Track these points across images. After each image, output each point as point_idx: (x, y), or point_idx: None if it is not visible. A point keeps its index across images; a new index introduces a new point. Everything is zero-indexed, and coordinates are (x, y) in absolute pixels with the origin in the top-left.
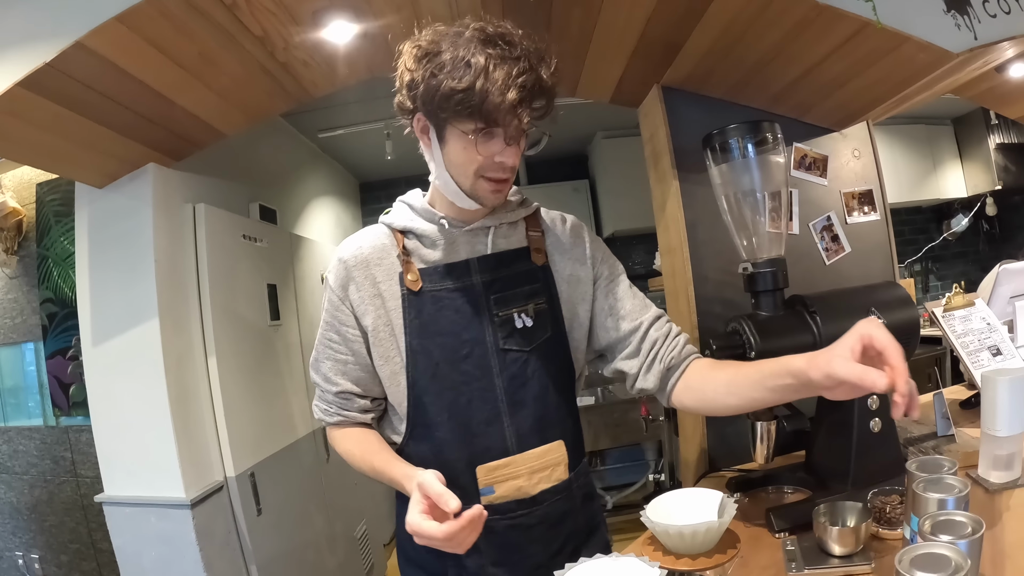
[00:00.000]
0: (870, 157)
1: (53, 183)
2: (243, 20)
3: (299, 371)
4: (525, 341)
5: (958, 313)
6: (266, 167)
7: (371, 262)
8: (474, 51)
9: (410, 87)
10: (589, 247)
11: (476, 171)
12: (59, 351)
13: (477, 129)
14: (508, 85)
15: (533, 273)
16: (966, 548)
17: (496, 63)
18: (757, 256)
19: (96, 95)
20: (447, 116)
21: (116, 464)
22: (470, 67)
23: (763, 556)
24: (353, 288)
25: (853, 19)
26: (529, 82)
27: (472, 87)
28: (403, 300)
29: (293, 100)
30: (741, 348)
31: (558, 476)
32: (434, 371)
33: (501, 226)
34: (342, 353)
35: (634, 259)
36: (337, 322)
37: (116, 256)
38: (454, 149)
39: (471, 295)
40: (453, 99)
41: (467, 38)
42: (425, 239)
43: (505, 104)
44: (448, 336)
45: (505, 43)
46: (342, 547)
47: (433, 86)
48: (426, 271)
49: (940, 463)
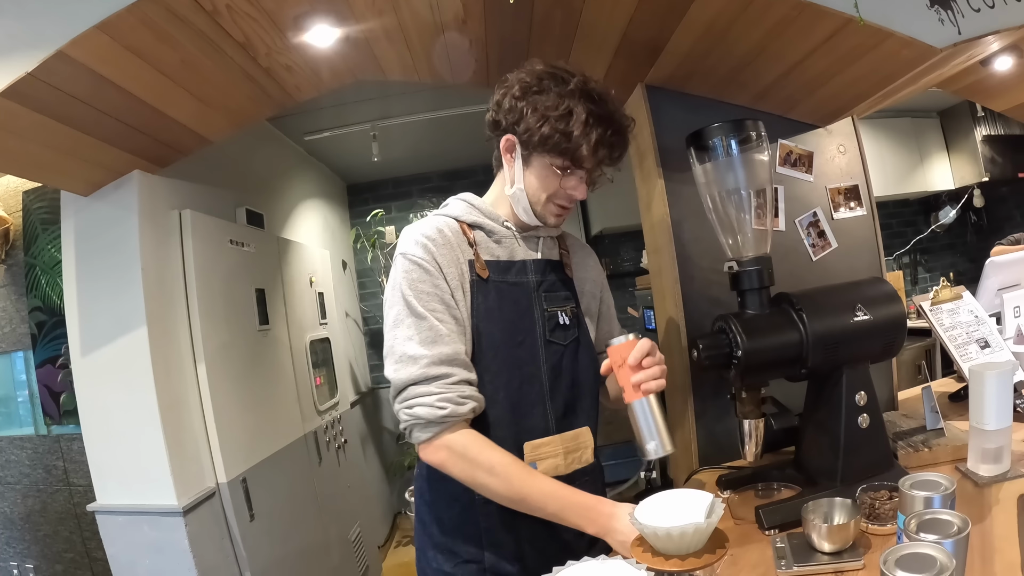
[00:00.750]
0: (855, 152)
1: (39, 191)
2: (224, 26)
3: (289, 375)
4: (564, 337)
5: (946, 306)
6: (252, 171)
7: (451, 244)
8: (576, 103)
9: (509, 112)
10: (599, 275)
11: (549, 196)
12: (49, 360)
13: (564, 166)
14: (601, 143)
15: (567, 282)
16: (951, 548)
17: (594, 120)
18: (742, 254)
19: (79, 104)
20: (542, 150)
21: (108, 473)
22: (572, 116)
23: (753, 554)
24: (444, 261)
25: (835, 16)
26: (616, 141)
27: (570, 135)
28: (472, 285)
29: (277, 105)
30: (728, 347)
31: (586, 459)
32: (495, 353)
33: (547, 239)
34: (448, 323)
35: (622, 257)
36: (439, 290)
37: (103, 264)
38: (537, 175)
39: (526, 290)
40: (552, 139)
41: (571, 89)
42: (492, 235)
43: (594, 156)
44: (507, 323)
45: (604, 103)
46: (337, 550)
47: (535, 122)
48: (491, 263)
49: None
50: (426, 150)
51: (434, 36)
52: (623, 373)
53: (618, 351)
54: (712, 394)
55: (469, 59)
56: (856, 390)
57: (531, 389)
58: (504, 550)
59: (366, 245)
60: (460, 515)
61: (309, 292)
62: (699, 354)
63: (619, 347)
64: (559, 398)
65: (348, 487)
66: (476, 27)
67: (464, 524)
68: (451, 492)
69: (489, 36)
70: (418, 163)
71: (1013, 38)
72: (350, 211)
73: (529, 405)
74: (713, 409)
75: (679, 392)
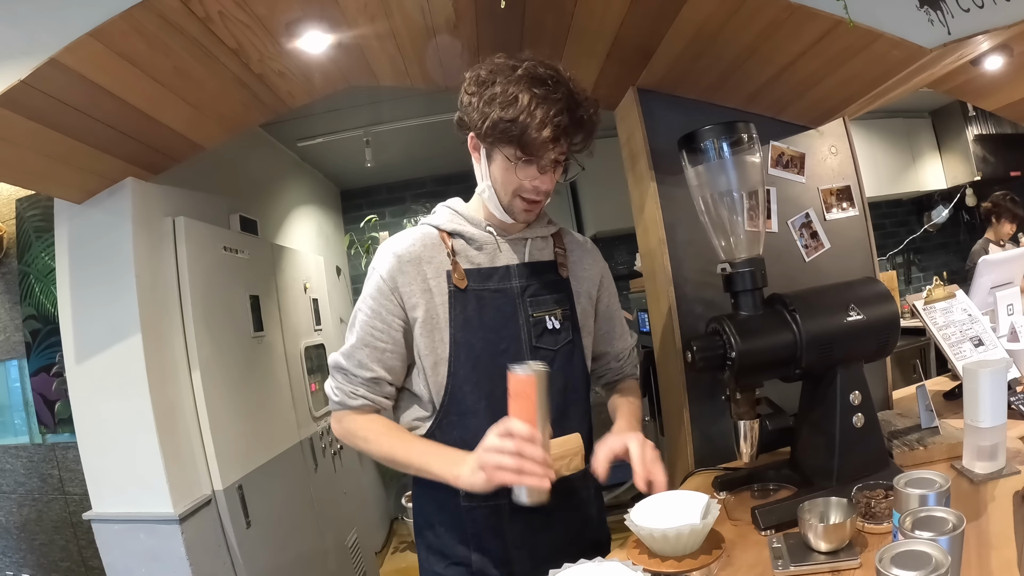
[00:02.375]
0: (847, 153)
1: (33, 199)
2: (217, 33)
3: (284, 382)
4: (554, 341)
5: (939, 305)
6: (246, 178)
7: (423, 259)
8: (522, 88)
9: (468, 109)
10: (600, 271)
11: (514, 191)
12: (43, 368)
13: (517, 156)
14: (545, 123)
15: (559, 284)
16: (947, 545)
17: (538, 102)
18: (735, 256)
19: (72, 111)
20: (493, 140)
21: (103, 481)
22: (516, 102)
23: (749, 554)
24: (405, 280)
25: (825, 18)
26: (564, 122)
27: (515, 120)
28: (450, 296)
29: (270, 111)
30: (722, 349)
31: (576, 465)
32: (475, 363)
33: (536, 239)
34: (383, 342)
35: (616, 259)
36: (384, 311)
37: (97, 272)
38: (498, 169)
39: (509, 297)
40: (498, 128)
41: (519, 75)
42: (473, 242)
43: (541, 139)
44: (489, 331)
45: (552, 83)
46: (333, 557)
47: (485, 113)
48: (471, 272)
49: (932, 480)
50: (419, 155)
51: (426, 41)
52: (518, 407)
53: (517, 381)
54: (706, 396)
55: (461, 63)
56: (850, 390)
57: None
58: (491, 554)
59: (360, 251)
60: (448, 519)
61: (303, 298)
62: (694, 356)
63: (519, 378)
64: (549, 404)
65: (344, 493)
66: (468, 31)
67: (452, 528)
68: (439, 497)
69: (481, 40)
70: (411, 168)
71: (1003, 37)
72: (344, 217)
73: None
74: (708, 411)
75: (674, 395)
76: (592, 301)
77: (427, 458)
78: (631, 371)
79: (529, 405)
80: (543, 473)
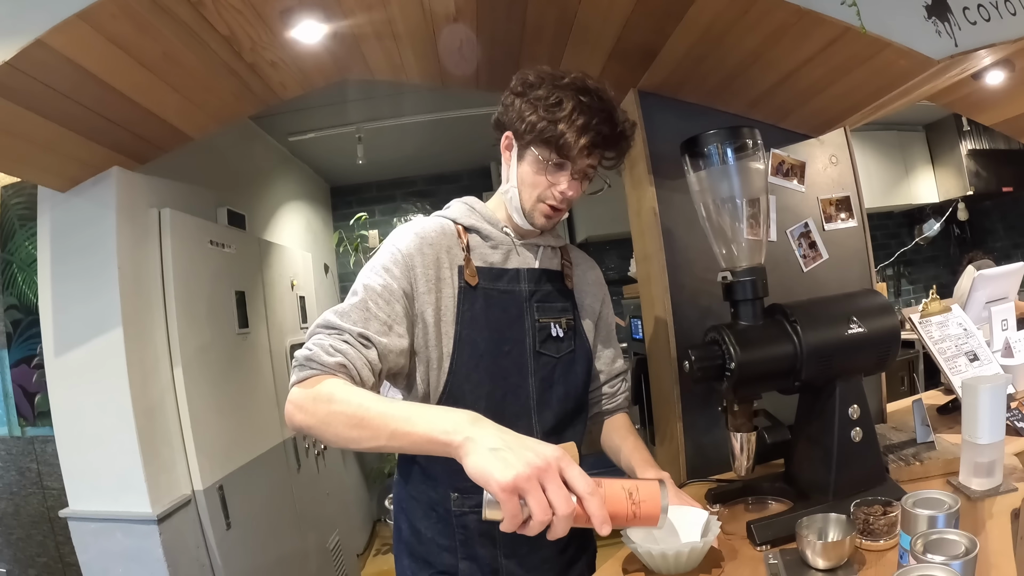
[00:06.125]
0: (847, 163)
1: (17, 186)
2: (209, 19)
3: (268, 380)
4: (556, 349)
5: (935, 319)
6: (234, 171)
7: (441, 246)
8: (568, 94)
9: (509, 108)
10: (603, 293)
11: (539, 195)
12: (24, 359)
13: (550, 159)
14: (586, 129)
15: (566, 294)
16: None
17: (581, 110)
18: (736, 264)
19: (58, 96)
20: (530, 140)
21: (81, 478)
22: (560, 105)
23: (744, 570)
24: (421, 262)
25: (833, 24)
26: (604, 131)
27: (556, 123)
28: (459, 292)
29: (261, 102)
30: (720, 358)
31: None
32: (477, 362)
33: (547, 248)
34: (384, 312)
35: (608, 265)
36: (396, 283)
37: (79, 262)
38: (528, 170)
39: (517, 299)
40: (538, 127)
41: (566, 83)
42: (488, 240)
43: (579, 144)
44: (494, 332)
45: (597, 97)
46: (315, 559)
47: (527, 113)
48: (482, 270)
49: (941, 501)
50: (411, 154)
51: (424, 34)
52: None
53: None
54: (700, 405)
55: (459, 60)
56: (849, 403)
57: (516, 400)
58: (480, 563)
59: (349, 249)
60: (436, 525)
61: (290, 295)
62: (691, 365)
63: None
64: (547, 412)
65: (327, 494)
66: (467, 26)
67: (440, 534)
68: (428, 501)
69: (481, 36)
70: (403, 167)
71: (1006, 52)
72: (333, 214)
73: (513, 416)
74: (701, 421)
75: (667, 403)
76: (595, 318)
77: (411, 411)
78: (623, 404)
79: (640, 515)
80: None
